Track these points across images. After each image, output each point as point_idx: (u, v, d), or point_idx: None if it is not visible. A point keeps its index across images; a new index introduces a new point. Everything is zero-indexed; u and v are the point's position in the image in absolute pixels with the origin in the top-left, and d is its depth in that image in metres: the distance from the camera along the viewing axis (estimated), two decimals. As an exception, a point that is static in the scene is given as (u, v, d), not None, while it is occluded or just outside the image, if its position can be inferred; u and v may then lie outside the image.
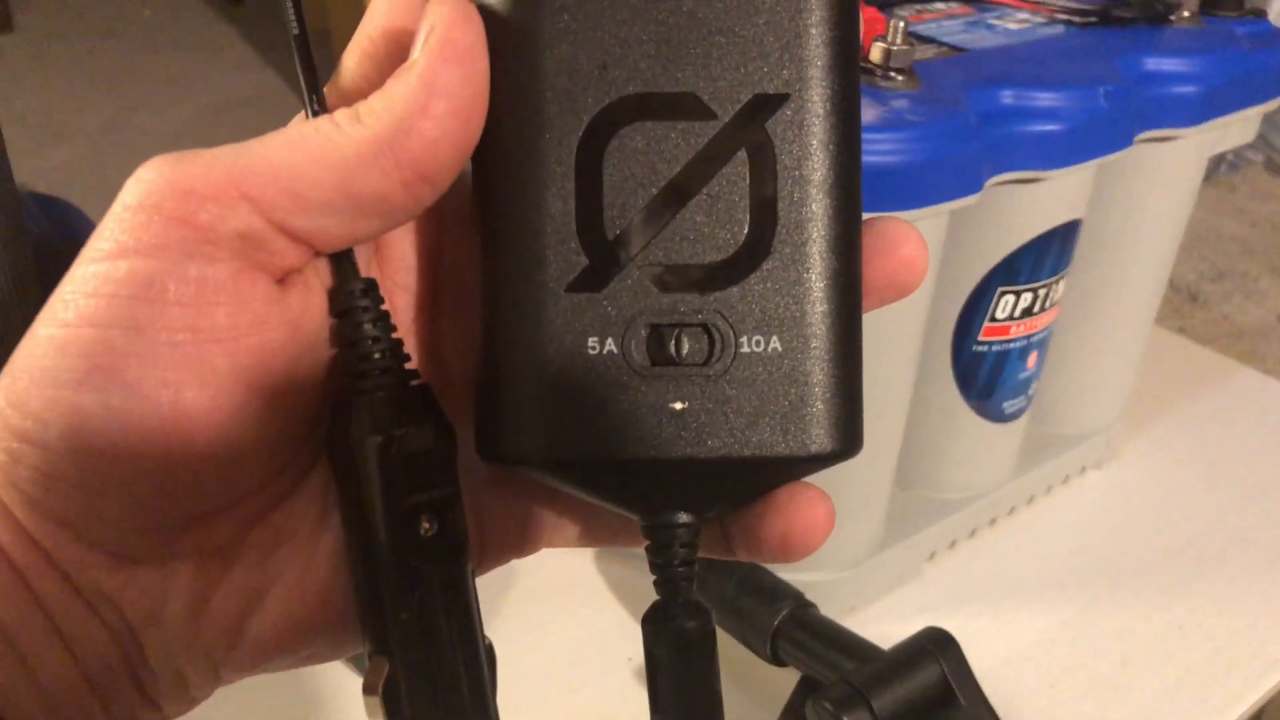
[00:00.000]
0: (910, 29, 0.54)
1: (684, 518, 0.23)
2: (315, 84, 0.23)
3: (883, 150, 0.43)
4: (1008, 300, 0.55)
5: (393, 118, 0.21)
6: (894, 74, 0.47)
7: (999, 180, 0.49)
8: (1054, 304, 0.58)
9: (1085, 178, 0.54)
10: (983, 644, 0.56)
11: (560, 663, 0.56)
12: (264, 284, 0.22)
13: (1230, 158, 1.66)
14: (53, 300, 0.21)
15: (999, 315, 0.56)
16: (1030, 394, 0.61)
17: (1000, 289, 0.55)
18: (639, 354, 0.22)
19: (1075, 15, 0.59)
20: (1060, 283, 0.57)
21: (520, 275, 0.22)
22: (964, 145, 0.45)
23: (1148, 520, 0.68)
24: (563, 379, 0.22)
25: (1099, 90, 0.50)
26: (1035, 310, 0.56)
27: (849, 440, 0.23)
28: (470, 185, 0.24)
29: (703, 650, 0.24)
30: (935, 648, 0.46)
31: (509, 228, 0.22)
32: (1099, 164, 0.52)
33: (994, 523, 0.66)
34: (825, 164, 0.22)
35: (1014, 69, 0.51)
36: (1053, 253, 0.55)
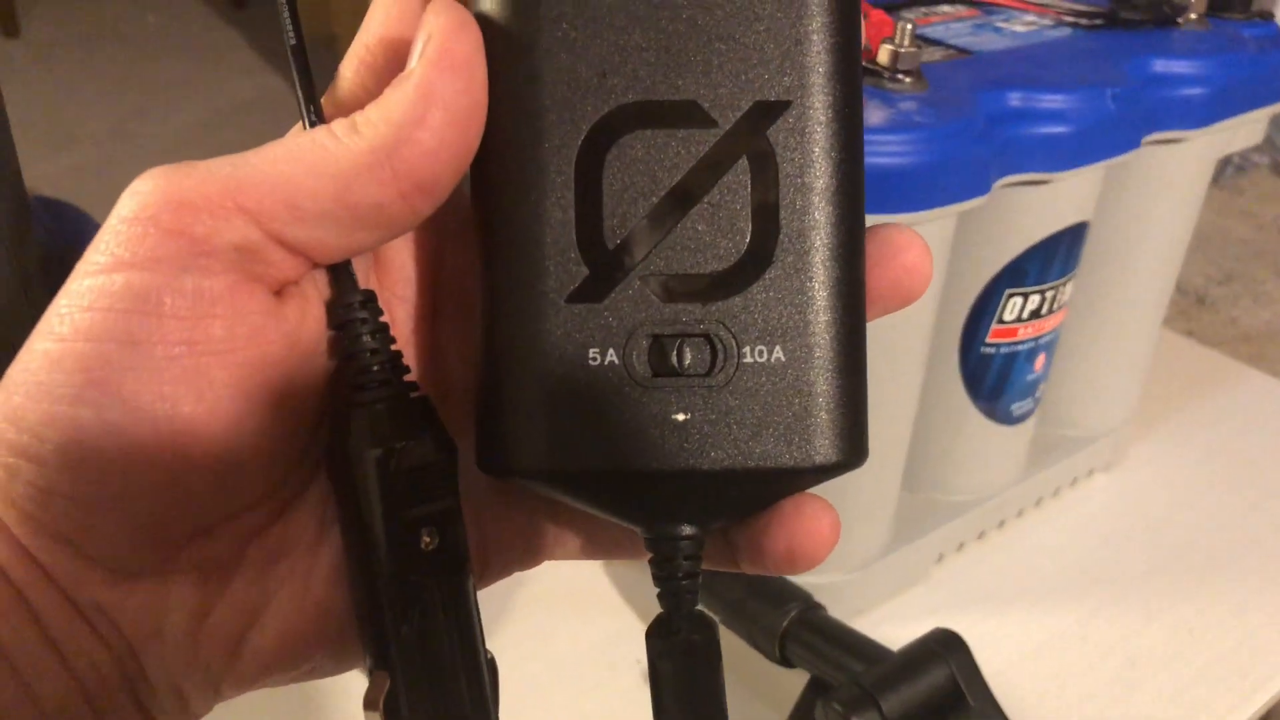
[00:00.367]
0: (917, 31, 0.54)
1: (687, 530, 0.23)
2: (313, 94, 0.23)
3: (890, 152, 0.43)
4: (1015, 302, 0.55)
5: (390, 128, 0.21)
6: (901, 76, 0.47)
7: (1007, 182, 0.49)
8: (1062, 306, 0.58)
9: (1093, 180, 0.54)
10: (991, 646, 0.56)
11: (568, 666, 0.56)
12: (261, 296, 0.22)
13: (1237, 160, 1.66)
14: (49, 314, 0.21)
15: (1007, 317, 0.56)
16: (1038, 396, 0.61)
17: (1008, 291, 0.55)
18: (641, 365, 0.22)
19: (1082, 18, 0.59)
20: (1068, 285, 0.57)
21: (520, 286, 0.22)
22: (971, 147, 0.45)
23: (1156, 523, 0.68)
24: (564, 391, 0.22)
25: (1106, 92, 0.50)
26: (1043, 312, 0.56)
27: (854, 450, 0.23)
28: (469, 195, 0.24)
29: (707, 663, 0.24)
30: (944, 649, 0.46)
31: (508, 238, 0.22)
32: (1106, 166, 0.52)
33: (1002, 525, 0.66)
34: (827, 172, 0.22)
35: (1021, 71, 0.51)
36: (1060, 255, 0.55)
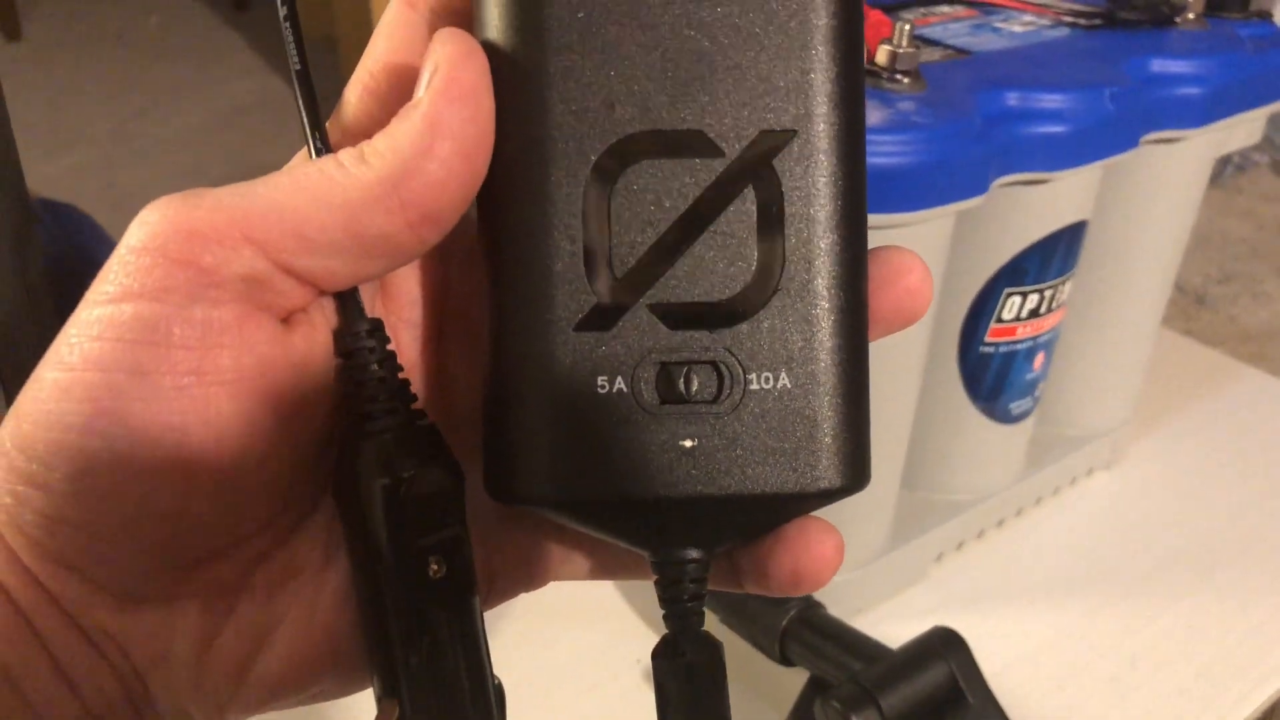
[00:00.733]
0: (916, 32, 0.54)
1: (694, 554, 0.23)
2: (318, 121, 0.23)
3: (889, 152, 0.43)
4: (1014, 301, 0.55)
5: (398, 158, 0.21)
6: (900, 76, 0.47)
7: (1005, 181, 0.49)
8: (1060, 305, 0.58)
9: (1091, 179, 0.54)
10: (991, 645, 0.56)
11: (569, 666, 0.57)
12: (269, 325, 0.22)
13: (1236, 160, 1.66)
14: (58, 343, 0.21)
15: (1005, 316, 0.56)
16: (1037, 395, 0.62)
17: (1007, 290, 0.55)
18: (648, 392, 0.22)
19: (1080, 18, 0.59)
20: (1067, 284, 0.57)
21: (529, 314, 0.22)
22: (970, 147, 0.46)
23: (1155, 521, 0.68)
24: (573, 419, 0.22)
25: (1104, 92, 0.50)
26: (1042, 311, 0.57)
27: (857, 475, 0.23)
28: (475, 220, 0.24)
29: (713, 685, 0.24)
30: (944, 647, 0.46)
31: (517, 267, 0.22)
32: (1105, 165, 0.52)
33: (1001, 524, 0.66)
34: (832, 200, 0.22)
35: (1020, 71, 0.51)
36: (1059, 254, 0.55)
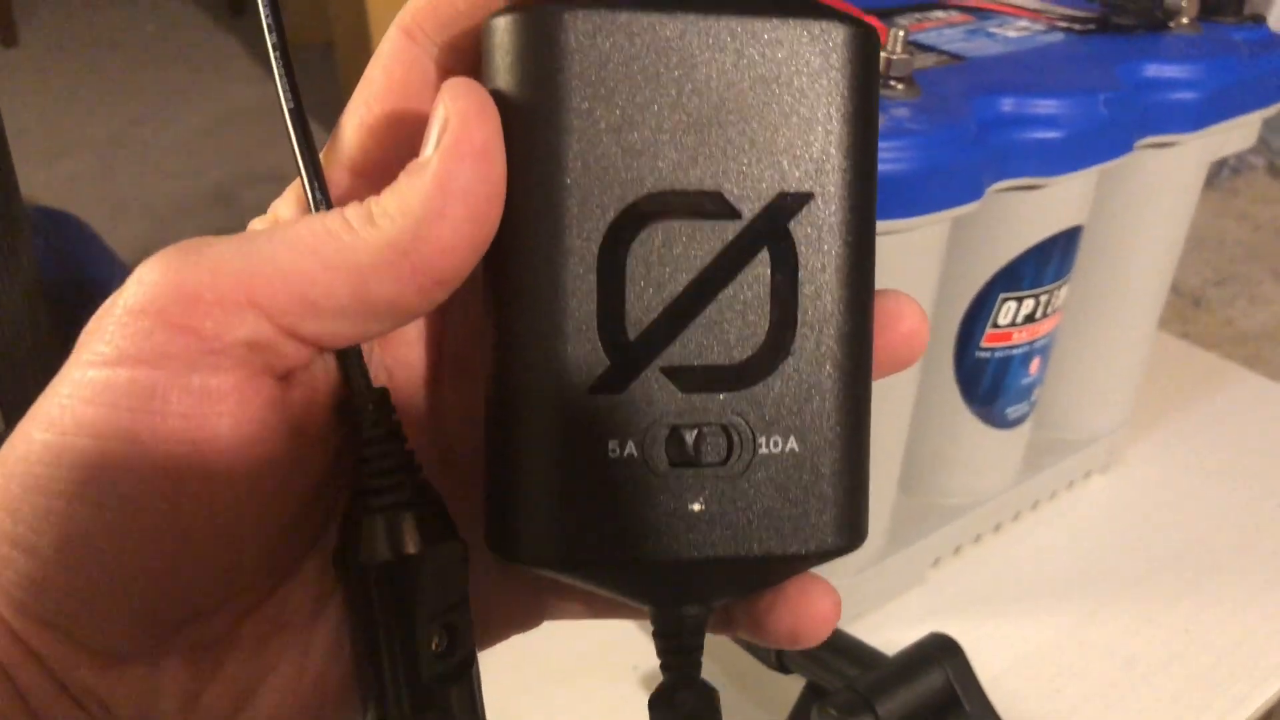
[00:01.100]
0: (910, 38, 0.54)
1: (694, 609, 0.24)
2: (316, 168, 0.22)
3: (884, 159, 0.43)
4: (1010, 306, 0.55)
5: (408, 221, 0.20)
6: (894, 83, 0.47)
7: (1000, 187, 0.49)
8: (1056, 310, 0.58)
9: (1086, 184, 0.54)
10: (988, 649, 0.56)
11: (566, 672, 0.57)
12: (268, 389, 0.21)
13: (1232, 162, 1.66)
14: (49, 400, 0.20)
15: (1001, 321, 0.56)
16: (1033, 399, 0.62)
17: (1002, 295, 0.55)
18: (658, 455, 0.22)
19: (1075, 23, 0.59)
20: (1062, 289, 0.57)
21: (541, 376, 0.21)
22: (965, 153, 0.46)
23: (1152, 525, 0.68)
24: (583, 483, 0.21)
25: (1099, 97, 0.50)
26: (1037, 316, 0.57)
27: (856, 535, 0.23)
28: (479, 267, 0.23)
29: None
30: (940, 653, 0.46)
31: (529, 327, 0.22)
32: (1100, 170, 0.52)
33: (998, 528, 0.66)
34: (846, 263, 0.22)
35: (1014, 76, 0.51)
36: (1055, 259, 0.55)
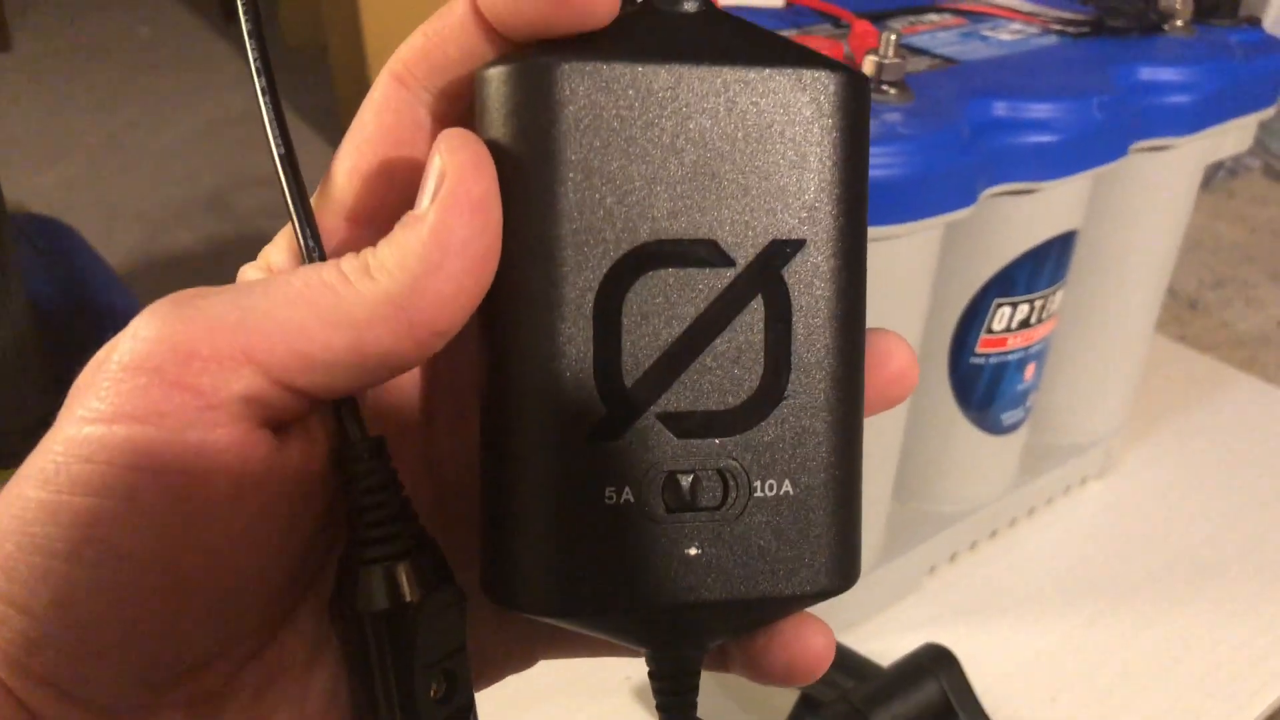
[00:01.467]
0: (903, 41, 0.54)
1: (691, 651, 0.24)
2: (308, 214, 0.22)
3: (877, 164, 0.43)
4: (1004, 312, 0.55)
5: (406, 275, 0.20)
6: (887, 87, 0.46)
7: (994, 192, 0.49)
8: (1051, 315, 0.57)
9: (1081, 188, 0.54)
10: (983, 658, 0.56)
11: (559, 683, 0.56)
12: (265, 442, 0.21)
13: (1229, 164, 1.66)
14: (43, 456, 0.20)
15: (996, 327, 0.55)
16: (1029, 405, 0.61)
17: (997, 300, 0.54)
18: (655, 501, 0.22)
19: (1069, 26, 0.59)
20: (1058, 293, 0.57)
21: (537, 424, 0.21)
22: (958, 157, 0.45)
23: (1149, 530, 0.68)
24: (580, 531, 0.21)
25: (1093, 100, 0.49)
26: (1032, 321, 0.56)
27: (849, 576, 0.24)
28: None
29: None
30: (935, 665, 0.46)
31: (526, 375, 0.22)
32: (1094, 174, 0.51)
33: (994, 535, 0.66)
34: (838, 309, 0.22)
35: (1008, 80, 0.51)
36: (1049, 263, 0.55)
